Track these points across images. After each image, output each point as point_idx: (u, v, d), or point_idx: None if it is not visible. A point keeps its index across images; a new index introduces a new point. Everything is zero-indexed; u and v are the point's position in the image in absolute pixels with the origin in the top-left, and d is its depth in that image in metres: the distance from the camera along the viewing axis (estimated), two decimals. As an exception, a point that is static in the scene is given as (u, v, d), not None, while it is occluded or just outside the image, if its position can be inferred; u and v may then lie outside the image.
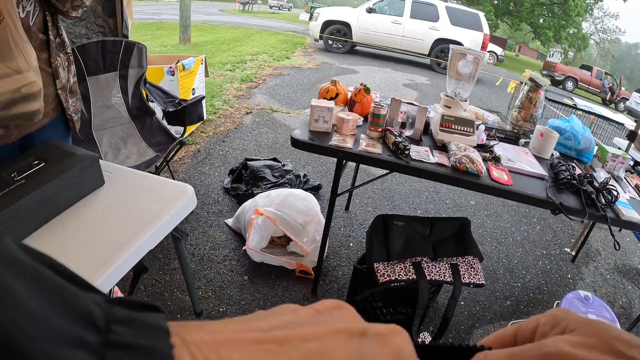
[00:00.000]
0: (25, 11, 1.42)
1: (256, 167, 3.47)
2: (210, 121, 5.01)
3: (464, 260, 2.04)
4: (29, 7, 1.43)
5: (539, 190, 1.85)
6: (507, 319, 2.55)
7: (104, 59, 2.75)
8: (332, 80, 2.40)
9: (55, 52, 1.60)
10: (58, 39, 1.61)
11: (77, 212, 1.38)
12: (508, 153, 2.18)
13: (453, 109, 2.18)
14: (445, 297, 2.46)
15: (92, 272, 1.13)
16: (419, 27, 11.88)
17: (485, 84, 11.98)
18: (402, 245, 2.02)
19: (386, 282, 1.93)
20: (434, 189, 4.16)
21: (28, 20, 1.44)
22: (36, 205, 1.25)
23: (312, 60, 10.33)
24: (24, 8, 1.41)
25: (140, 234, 1.30)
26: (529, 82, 2.44)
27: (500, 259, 3.16)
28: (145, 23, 14.85)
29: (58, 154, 1.44)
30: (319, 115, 2.01)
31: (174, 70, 3.73)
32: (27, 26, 1.44)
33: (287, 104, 6.21)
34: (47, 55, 1.58)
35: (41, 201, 1.27)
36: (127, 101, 2.92)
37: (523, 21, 29.02)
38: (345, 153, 1.90)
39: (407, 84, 9.39)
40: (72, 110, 1.75)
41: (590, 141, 2.40)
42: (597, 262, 3.41)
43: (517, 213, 3.96)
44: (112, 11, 3.10)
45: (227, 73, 7.64)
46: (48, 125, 1.65)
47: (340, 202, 3.45)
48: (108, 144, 2.77)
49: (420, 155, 1.92)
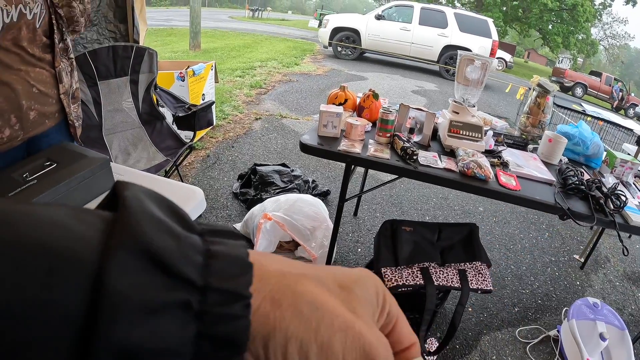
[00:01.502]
0: (32, 13, 1.46)
1: (265, 172, 3.49)
2: (219, 127, 5.04)
3: (472, 266, 2.04)
4: (36, 9, 1.47)
5: (547, 196, 1.85)
6: (514, 326, 2.54)
7: (115, 64, 2.79)
8: (341, 86, 2.41)
9: (59, 56, 1.63)
10: (62, 43, 1.65)
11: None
12: (516, 158, 2.18)
13: (461, 114, 2.18)
14: (452, 304, 2.45)
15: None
16: (427, 33, 11.90)
17: (494, 90, 11.96)
18: (410, 250, 2.02)
19: (394, 287, 1.94)
20: (442, 195, 4.15)
21: (34, 21, 1.49)
22: (47, 206, 1.27)
23: (321, 67, 10.38)
24: (31, 10, 1.45)
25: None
26: (537, 88, 2.44)
27: (509, 266, 3.15)
28: (156, 29, 14.97)
29: (69, 156, 1.46)
30: (327, 121, 2.02)
31: (184, 75, 3.77)
32: (33, 27, 1.49)
33: (296, 110, 6.24)
34: (51, 58, 1.61)
35: (52, 201, 1.29)
36: (137, 106, 2.95)
37: (532, 27, 28.95)
38: (354, 158, 1.92)
39: (416, 91, 9.40)
40: (74, 116, 1.78)
41: (599, 147, 2.39)
42: (606, 269, 3.39)
43: (525, 220, 3.95)
44: (124, 17, 3.15)
45: (236, 79, 7.69)
46: (53, 128, 1.68)
47: (349, 208, 3.45)
48: (118, 148, 2.80)
49: (428, 161, 1.93)
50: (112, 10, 3.08)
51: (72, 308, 0.17)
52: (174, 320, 0.19)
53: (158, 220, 0.21)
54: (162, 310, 0.19)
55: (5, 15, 1.37)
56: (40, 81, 1.57)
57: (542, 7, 26.55)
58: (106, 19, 3.07)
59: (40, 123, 1.61)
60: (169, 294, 0.20)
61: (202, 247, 0.23)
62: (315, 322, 0.24)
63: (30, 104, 1.54)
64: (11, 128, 1.50)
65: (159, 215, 0.22)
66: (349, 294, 0.28)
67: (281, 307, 0.24)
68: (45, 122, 1.63)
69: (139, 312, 0.18)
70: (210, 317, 0.21)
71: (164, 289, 0.19)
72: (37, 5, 1.47)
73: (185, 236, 0.22)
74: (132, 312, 0.18)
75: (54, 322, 0.17)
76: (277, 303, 0.24)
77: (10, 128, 1.50)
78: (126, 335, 0.18)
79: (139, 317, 0.18)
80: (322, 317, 0.24)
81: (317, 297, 0.25)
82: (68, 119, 1.76)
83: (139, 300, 0.18)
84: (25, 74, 1.51)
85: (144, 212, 0.21)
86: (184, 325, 0.20)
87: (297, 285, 0.25)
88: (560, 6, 27.11)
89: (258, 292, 0.23)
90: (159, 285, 0.19)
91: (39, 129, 1.62)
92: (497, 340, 2.41)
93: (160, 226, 0.21)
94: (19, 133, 1.54)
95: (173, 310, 0.20)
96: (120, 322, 0.18)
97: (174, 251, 0.21)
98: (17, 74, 1.48)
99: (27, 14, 1.44)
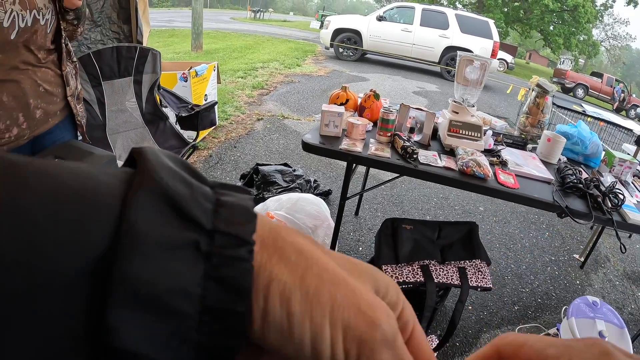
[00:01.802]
0: (44, 19, 1.50)
1: (267, 171, 3.51)
2: (221, 127, 5.07)
3: (472, 264, 2.06)
4: (48, 16, 1.52)
5: (545, 194, 1.87)
6: (514, 324, 2.56)
7: (119, 65, 2.82)
8: (343, 87, 2.44)
9: (65, 60, 1.68)
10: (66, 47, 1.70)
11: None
12: (515, 158, 2.21)
13: (461, 114, 2.21)
14: (452, 302, 2.48)
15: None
16: (429, 35, 11.91)
17: (495, 91, 11.97)
18: (410, 248, 2.05)
19: (394, 284, 1.96)
20: (442, 195, 4.18)
21: (46, 27, 1.54)
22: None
23: (323, 68, 10.40)
24: (44, 16, 1.50)
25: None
26: (537, 88, 2.46)
27: (509, 265, 3.17)
28: (158, 30, 14.99)
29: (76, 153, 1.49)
30: (329, 120, 2.05)
31: (187, 76, 3.80)
32: (44, 33, 1.54)
33: (297, 111, 6.27)
34: (58, 60, 1.66)
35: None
36: (141, 106, 2.98)
37: (533, 28, 28.94)
38: (355, 157, 1.94)
39: (417, 92, 9.42)
40: (80, 116, 1.83)
41: (598, 146, 2.41)
42: (606, 269, 3.41)
43: (525, 220, 3.97)
44: (127, 18, 3.18)
45: (238, 80, 7.72)
46: (56, 126, 1.72)
47: (350, 208, 3.48)
48: (122, 148, 2.82)
49: (428, 159, 1.96)
50: (115, 11, 3.11)
51: (97, 244, 0.19)
52: (185, 260, 0.21)
53: (174, 171, 0.23)
54: (175, 248, 0.21)
55: (20, 20, 1.42)
56: (46, 80, 1.61)
57: (543, 8, 26.55)
58: (110, 19, 3.10)
59: (45, 121, 1.65)
60: (182, 234, 0.21)
61: (212, 196, 0.24)
62: (301, 269, 0.24)
63: (37, 103, 1.58)
64: (19, 127, 1.54)
65: (175, 167, 0.24)
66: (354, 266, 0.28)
67: (268, 250, 0.24)
68: (49, 120, 1.67)
69: (154, 248, 0.20)
70: (217, 259, 0.22)
71: (177, 229, 0.21)
72: (48, 12, 1.52)
73: (198, 186, 0.24)
74: (148, 247, 0.20)
75: (81, 258, 0.19)
76: (265, 246, 0.24)
77: (18, 127, 1.53)
78: (142, 269, 0.19)
79: (155, 253, 0.20)
80: (310, 266, 0.24)
81: (306, 248, 0.25)
82: (76, 119, 1.81)
83: (156, 236, 0.20)
84: (32, 73, 1.55)
85: (161, 163, 0.23)
86: (194, 264, 0.21)
87: (289, 236, 0.25)
88: (562, 7, 27.12)
89: None
90: (174, 225, 0.21)
91: (44, 127, 1.66)
92: (497, 338, 2.43)
93: (175, 175, 0.23)
94: (26, 132, 1.58)
95: (185, 250, 0.21)
96: (138, 256, 0.20)
97: (187, 196, 0.22)
98: (25, 73, 1.52)
99: (40, 19, 1.50)
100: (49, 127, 1.68)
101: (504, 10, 27.58)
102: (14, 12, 1.39)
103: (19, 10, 1.40)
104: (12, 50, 1.45)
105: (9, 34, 1.41)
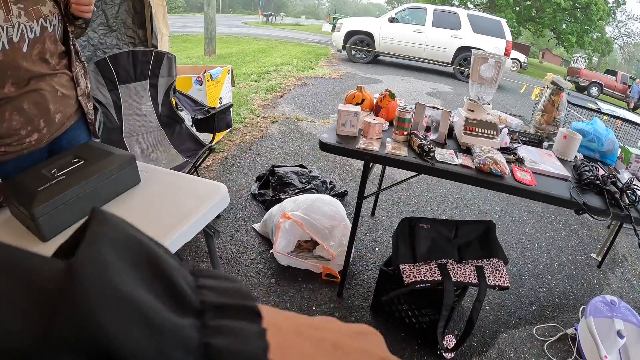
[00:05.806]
0: (52, 25, 1.55)
1: (283, 173, 3.54)
2: (237, 130, 5.11)
3: (489, 263, 2.07)
4: (55, 21, 1.58)
5: (562, 191, 1.87)
6: (532, 324, 2.55)
7: (135, 68, 2.87)
8: (358, 87, 2.46)
9: (75, 60, 1.73)
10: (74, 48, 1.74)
11: (115, 208, 1.47)
12: (531, 155, 2.20)
13: (476, 112, 2.21)
14: (470, 302, 2.47)
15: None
16: (441, 35, 11.85)
17: (509, 91, 11.90)
18: (427, 247, 2.06)
19: (412, 282, 1.97)
20: (458, 195, 4.17)
21: (55, 33, 1.59)
22: (76, 200, 1.34)
23: (336, 71, 10.41)
24: (51, 22, 1.55)
25: (177, 227, 1.37)
26: (551, 86, 2.46)
27: (526, 265, 3.16)
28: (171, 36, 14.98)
29: (96, 153, 1.53)
30: (346, 120, 2.06)
31: (201, 80, 3.84)
32: (54, 38, 1.59)
33: (312, 113, 6.29)
34: (68, 62, 1.71)
35: (81, 196, 1.36)
36: (157, 109, 3.02)
37: (545, 27, 28.70)
38: (372, 155, 1.96)
39: (431, 93, 9.39)
40: (91, 114, 1.88)
41: (614, 143, 2.40)
42: (624, 268, 3.37)
43: (542, 219, 3.95)
44: (142, 23, 3.23)
45: (252, 83, 7.77)
46: (72, 128, 1.77)
47: (366, 208, 3.49)
48: (139, 150, 2.86)
49: (445, 158, 1.96)
50: (130, 16, 3.17)
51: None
52: None
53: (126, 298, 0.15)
54: None
55: (29, 32, 1.46)
56: (62, 85, 1.66)
57: (555, 7, 26.33)
58: (125, 24, 3.16)
59: (62, 124, 1.70)
60: None
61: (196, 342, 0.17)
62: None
63: (57, 108, 1.63)
64: (39, 132, 1.59)
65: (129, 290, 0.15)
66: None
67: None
68: (65, 122, 1.72)
69: None
70: None
71: None
72: (54, 17, 1.57)
73: (172, 325, 0.16)
74: None
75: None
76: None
77: (38, 132, 1.58)
78: None
79: None
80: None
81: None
82: (87, 118, 1.86)
83: None
84: (50, 79, 1.60)
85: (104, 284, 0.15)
86: None
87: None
88: (574, 5, 26.85)
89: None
90: None
91: (61, 129, 1.71)
92: (515, 338, 2.42)
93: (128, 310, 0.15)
94: (46, 136, 1.63)
95: None
96: None
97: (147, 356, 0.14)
98: (44, 79, 1.57)
99: (48, 26, 1.54)
100: (65, 128, 1.73)
101: (515, 10, 27.39)
102: (22, 25, 1.43)
103: (25, 22, 1.44)
104: (29, 63, 1.49)
105: (21, 47, 1.45)
